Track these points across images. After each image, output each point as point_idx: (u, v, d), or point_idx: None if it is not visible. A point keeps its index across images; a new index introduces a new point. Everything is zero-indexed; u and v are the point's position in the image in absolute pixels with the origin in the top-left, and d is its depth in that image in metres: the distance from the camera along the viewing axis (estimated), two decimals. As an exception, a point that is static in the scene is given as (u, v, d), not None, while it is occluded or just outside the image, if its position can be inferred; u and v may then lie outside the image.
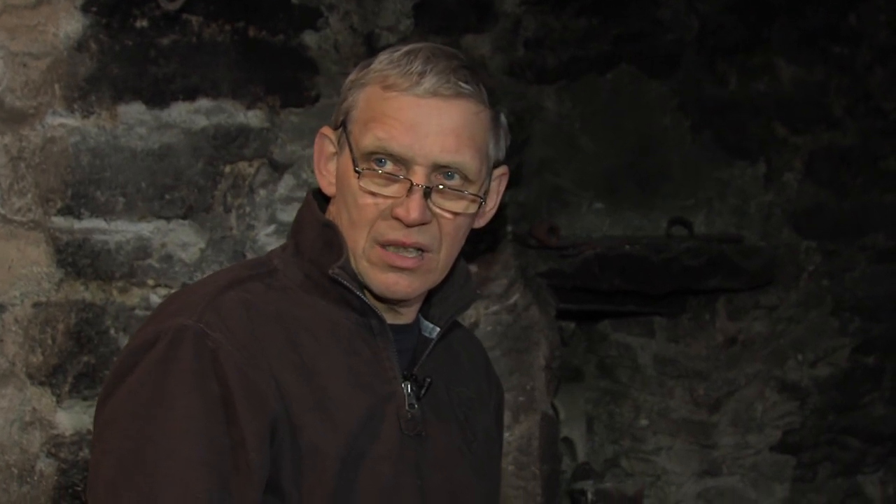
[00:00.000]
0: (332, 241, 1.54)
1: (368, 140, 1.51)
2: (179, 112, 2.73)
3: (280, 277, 1.55)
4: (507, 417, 3.17)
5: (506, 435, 3.17)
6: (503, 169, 1.61)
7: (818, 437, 3.64)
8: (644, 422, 3.62)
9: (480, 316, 3.15)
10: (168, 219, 2.73)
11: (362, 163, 1.51)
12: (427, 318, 1.62)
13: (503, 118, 1.59)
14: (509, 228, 3.19)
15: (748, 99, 3.53)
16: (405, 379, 1.56)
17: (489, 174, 1.57)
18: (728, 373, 3.56)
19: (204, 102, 2.76)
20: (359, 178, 1.51)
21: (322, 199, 1.60)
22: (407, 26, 3.01)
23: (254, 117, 2.81)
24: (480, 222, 1.61)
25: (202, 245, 2.75)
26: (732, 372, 3.56)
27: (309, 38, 2.88)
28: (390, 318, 1.57)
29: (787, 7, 3.55)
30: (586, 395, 3.69)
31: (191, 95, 2.74)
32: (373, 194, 1.51)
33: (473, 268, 3.13)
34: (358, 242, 1.53)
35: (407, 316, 1.59)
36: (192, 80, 2.74)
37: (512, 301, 3.17)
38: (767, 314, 3.57)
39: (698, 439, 3.59)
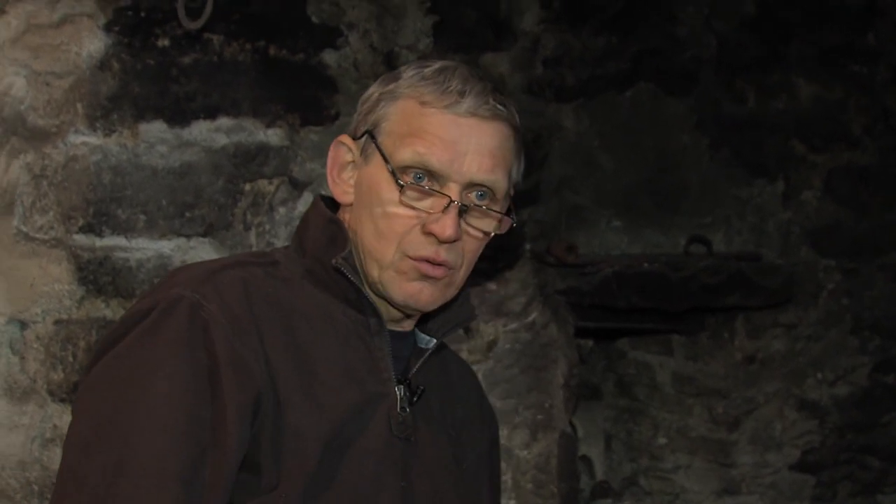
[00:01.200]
0: (336, 235, 1.56)
1: (407, 154, 1.53)
2: (200, 130, 2.75)
3: (281, 269, 1.57)
4: (525, 435, 3.17)
5: (524, 453, 3.17)
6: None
7: (838, 457, 3.63)
8: (662, 440, 3.61)
9: (499, 333, 3.15)
10: (188, 236, 2.74)
11: (398, 174, 1.53)
12: (424, 331, 1.63)
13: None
14: (528, 246, 3.19)
15: (766, 117, 3.53)
16: (399, 382, 1.56)
17: (509, 194, 1.60)
18: (747, 391, 3.55)
19: (224, 121, 2.77)
20: (401, 191, 1.52)
21: (330, 206, 1.61)
22: (426, 45, 3.02)
23: (274, 135, 2.82)
24: None
25: (222, 263, 2.76)
26: (751, 390, 3.55)
27: (329, 56, 2.89)
28: (392, 325, 1.59)
29: (806, 25, 3.55)
30: (605, 413, 3.69)
31: (211, 114, 2.76)
32: (408, 206, 1.53)
33: (492, 285, 3.13)
34: (385, 254, 1.54)
35: (406, 325, 1.61)
36: (212, 98, 2.75)
37: (530, 319, 3.17)
38: (786, 332, 3.56)
39: (717, 458, 3.57)
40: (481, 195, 1.55)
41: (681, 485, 3.60)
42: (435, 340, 1.61)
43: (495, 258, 3.15)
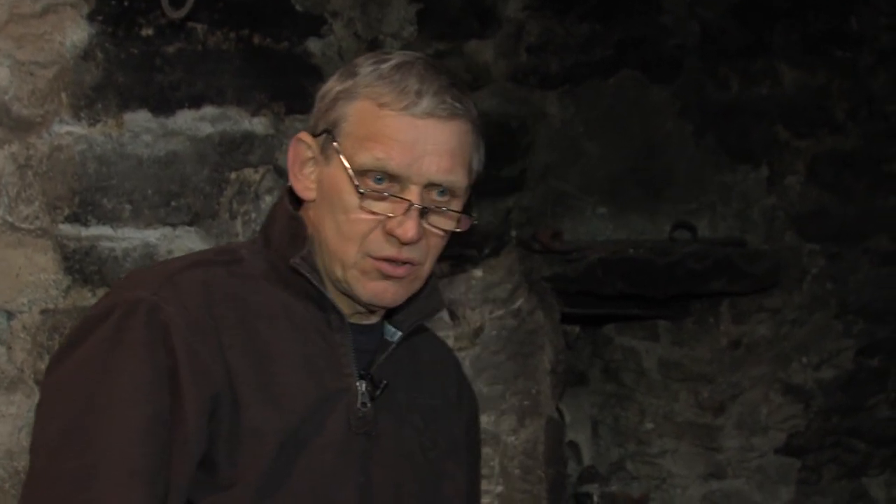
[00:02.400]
0: (297, 232, 1.57)
1: (366, 158, 1.54)
2: (185, 119, 2.75)
3: (245, 266, 1.58)
4: (512, 421, 3.18)
5: (511, 439, 3.18)
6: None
7: (823, 440, 3.65)
8: (649, 425, 3.63)
9: (485, 320, 3.16)
10: (174, 225, 2.74)
11: (358, 179, 1.54)
12: (391, 322, 1.64)
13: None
14: (513, 233, 3.20)
15: (750, 103, 3.54)
16: (361, 377, 1.57)
17: (470, 186, 1.61)
18: (732, 376, 3.57)
19: (209, 110, 2.77)
20: (361, 198, 1.54)
21: (295, 200, 1.62)
22: (410, 33, 3.02)
23: (259, 124, 2.82)
24: None
25: (208, 251, 2.77)
26: (737, 375, 3.57)
27: (313, 45, 2.89)
28: (355, 318, 1.60)
29: (789, 11, 3.56)
30: (591, 398, 3.70)
31: (196, 103, 2.76)
32: (369, 211, 1.54)
33: (478, 272, 3.14)
34: (348, 254, 1.55)
35: (371, 318, 1.62)
36: (197, 87, 2.75)
37: (516, 305, 3.19)
38: (771, 317, 3.58)
39: (703, 442, 3.59)
40: (441, 192, 1.56)
41: (667, 469, 3.62)
42: (400, 333, 1.62)
43: (481, 245, 3.16)
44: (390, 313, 1.63)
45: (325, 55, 2.91)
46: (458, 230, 1.58)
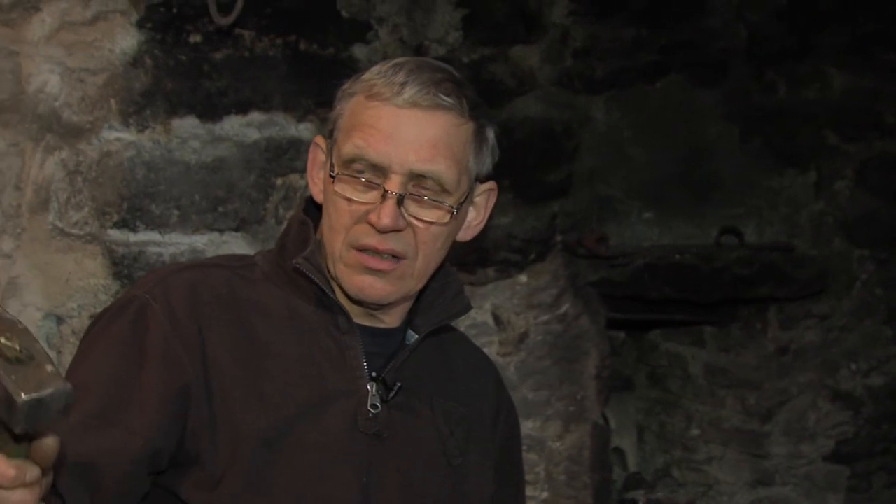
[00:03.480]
0: (305, 235, 1.59)
1: (348, 148, 1.55)
2: (232, 125, 2.77)
3: (255, 270, 1.61)
4: (558, 427, 3.17)
5: (556, 444, 3.18)
6: (491, 184, 1.63)
7: (872, 447, 3.61)
8: (695, 431, 3.60)
9: (531, 325, 3.16)
10: (221, 231, 2.76)
11: (340, 169, 1.55)
12: (413, 327, 1.63)
13: (490, 133, 1.60)
14: (559, 238, 3.20)
15: (798, 107, 3.51)
16: (373, 380, 1.57)
17: (471, 187, 1.59)
18: (780, 382, 3.54)
19: (256, 116, 2.79)
20: (333, 182, 1.55)
21: (318, 208, 1.64)
22: (456, 38, 3.03)
23: (305, 130, 2.84)
24: (466, 235, 1.63)
25: (255, 256, 2.78)
26: (784, 381, 3.54)
27: (359, 51, 2.90)
28: (368, 321, 1.60)
29: (837, 14, 3.53)
30: (637, 404, 3.69)
31: (243, 109, 2.77)
32: (348, 200, 1.55)
33: (523, 277, 3.14)
34: (335, 246, 1.56)
35: (387, 321, 1.61)
36: (244, 93, 2.77)
37: (562, 310, 3.18)
38: (819, 323, 3.55)
39: (750, 449, 3.57)
40: (427, 185, 1.55)
41: (714, 476, 3.59)
42: (416, 336, 1.61)
43: (526, 250, 3.15)
44: (412, 317, 1.63)
45: (371, 61, 2.91)
46: (443, 223, 1.56)
